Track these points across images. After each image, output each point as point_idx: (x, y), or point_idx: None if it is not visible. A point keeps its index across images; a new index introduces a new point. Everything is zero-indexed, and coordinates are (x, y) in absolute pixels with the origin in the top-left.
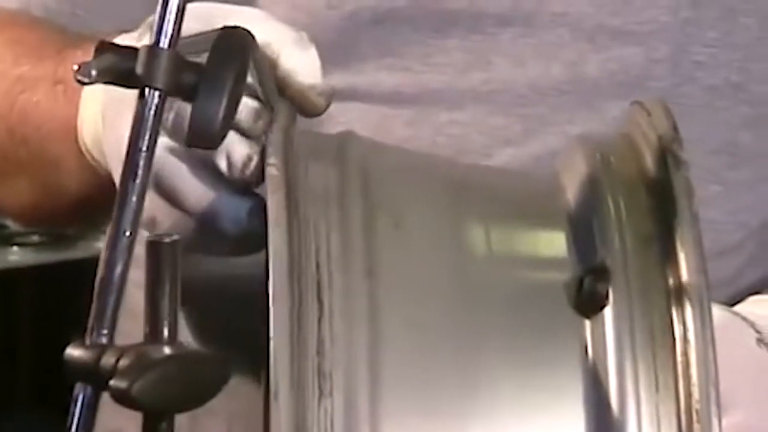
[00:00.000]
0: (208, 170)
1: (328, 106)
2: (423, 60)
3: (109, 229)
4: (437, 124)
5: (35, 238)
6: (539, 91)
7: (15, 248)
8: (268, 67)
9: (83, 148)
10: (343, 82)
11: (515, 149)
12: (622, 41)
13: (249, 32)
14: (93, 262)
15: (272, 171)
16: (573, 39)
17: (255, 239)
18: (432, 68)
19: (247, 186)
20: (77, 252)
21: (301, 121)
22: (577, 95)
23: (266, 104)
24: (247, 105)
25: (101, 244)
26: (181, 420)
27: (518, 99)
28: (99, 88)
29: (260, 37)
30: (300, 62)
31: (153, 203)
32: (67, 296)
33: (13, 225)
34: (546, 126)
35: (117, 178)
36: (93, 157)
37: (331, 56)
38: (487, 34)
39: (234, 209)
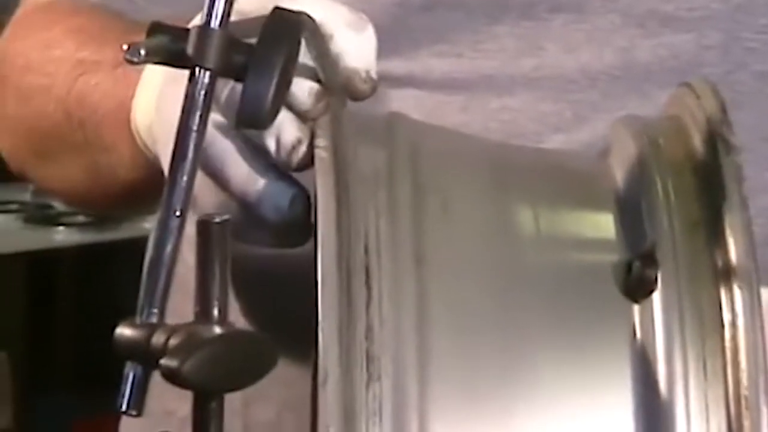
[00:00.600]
0: (256, 153)
1: (373, 91)
2: (474, 46)
3: (159, 209)
4: (489, 110)
5: (80, 218)
6: (590, 76)
7: (60, 228)
8: (327, 49)
9: (136, 135)
10: (398, 68)
11: (566, 136)
12: (673, 27)
13: (305, 14)
14: (137, 242)
15: (321, 153)
16: (624, 24)
17: (295, 230)
18: (483, 54)
19: (294, 170)
20: (122, 232)
21: (357, 106)
22: (629, 81)
23: (326, 86)
24: (306, 85)
25: (147, 225)
26: (234, 405)
27: (569, 85)
28: (159, 75)
29: (314, 17)
30: (350, 45)
31: (196, 182)
32: (111, 276)
33: (59, 205)
34: (597, 112)
35: (164, 163)
36: (145, 145)
37: (385, 42)
38: (539, 20)
39: (276, 196)
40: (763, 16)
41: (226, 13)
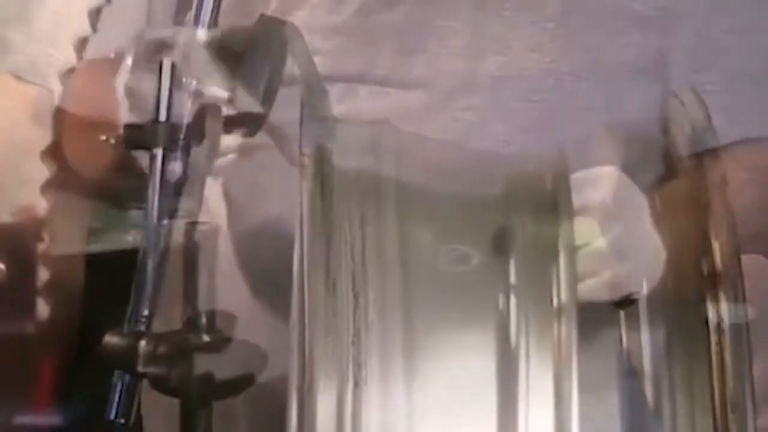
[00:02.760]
0: None
1: None
2: (438, 42)
3: (146, 219)
4: (453, 109)
5: None
6: (556, 76)
7: None
8: (310, 55)
9: None
10: (361, 65)
11: (533, 135)
12: (641, 27)
13: (287, 22)
14: (119, 254)
15: (306, 161)
16: (591, 24)
17: None
18: (447, 50)
19: None
20: (103, 245)
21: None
22: (595, 81)
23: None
24: None
25: (129, 238)
26: None
27: (535, 84)
28: None
29: None
30: None
31: None
32: (93, 288)
33: None
34: (564, 112)
35: None
36: None
37: (348, 40)
38: (504, 18)
39: None
40: (732, 16)
41: (213, 18)
